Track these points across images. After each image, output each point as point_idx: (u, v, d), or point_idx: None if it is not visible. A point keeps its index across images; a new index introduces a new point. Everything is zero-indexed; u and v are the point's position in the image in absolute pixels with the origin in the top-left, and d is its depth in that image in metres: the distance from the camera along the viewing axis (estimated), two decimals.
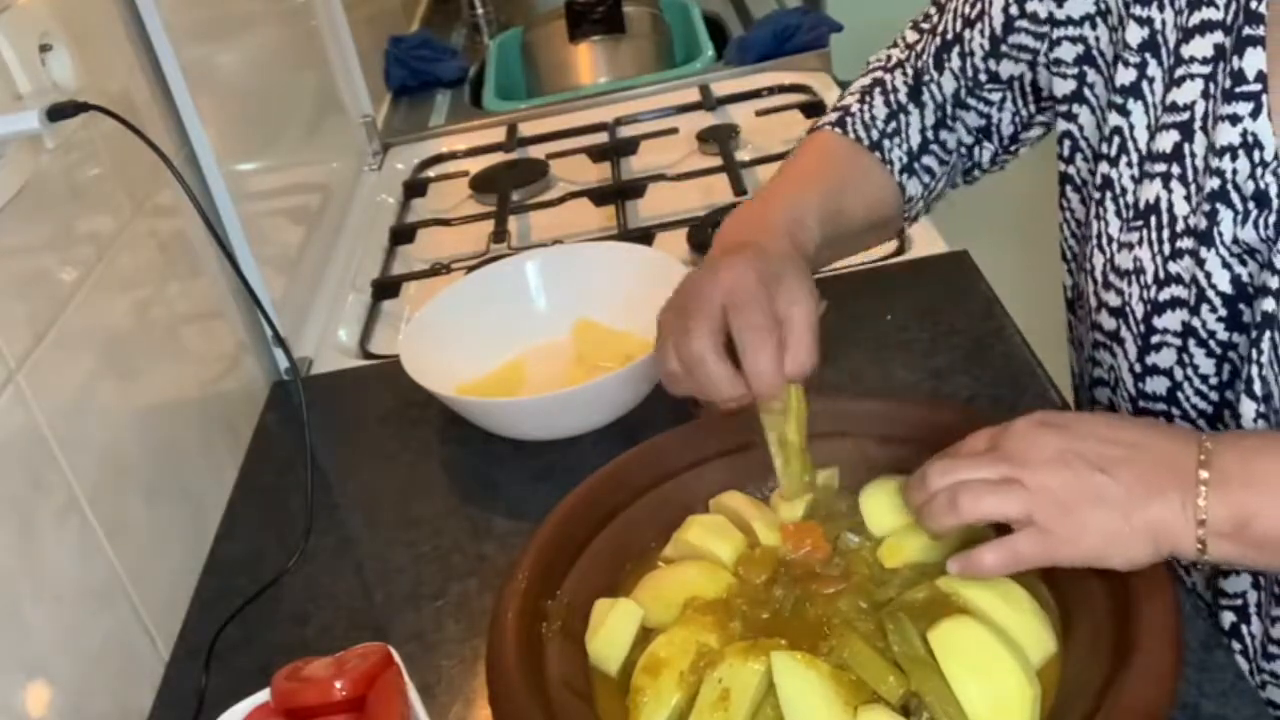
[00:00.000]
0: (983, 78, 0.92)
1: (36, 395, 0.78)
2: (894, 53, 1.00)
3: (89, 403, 0.85)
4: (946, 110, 0.96)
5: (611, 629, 0.75)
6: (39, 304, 0.81)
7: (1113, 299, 0.82)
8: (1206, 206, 0.74)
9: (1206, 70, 0.74)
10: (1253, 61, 0.72)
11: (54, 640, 0.76)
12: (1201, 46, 0.75)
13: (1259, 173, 0.72)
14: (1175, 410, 0.81)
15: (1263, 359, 0.73)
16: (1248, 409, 0.75)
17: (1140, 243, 0.79)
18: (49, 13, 0.87)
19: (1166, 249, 0.78)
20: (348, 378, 1.20)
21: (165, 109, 1.07)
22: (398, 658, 0.71)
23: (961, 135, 0.97)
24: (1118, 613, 0.68)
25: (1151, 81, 0.78)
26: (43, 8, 0.86)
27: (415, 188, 1.61)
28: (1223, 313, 0.76)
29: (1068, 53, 0.84)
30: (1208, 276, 0.75)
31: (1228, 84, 0.73)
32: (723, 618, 0.74)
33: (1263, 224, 0.72)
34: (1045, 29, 0.85)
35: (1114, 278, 0.82)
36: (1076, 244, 0.90)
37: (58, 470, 0.79)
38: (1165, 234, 0.78)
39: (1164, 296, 0.78)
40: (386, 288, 1.35)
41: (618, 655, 0.75)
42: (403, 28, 2.14)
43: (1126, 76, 0.79)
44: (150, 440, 0.94)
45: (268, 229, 1.24)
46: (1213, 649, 0.73)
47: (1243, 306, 0.75)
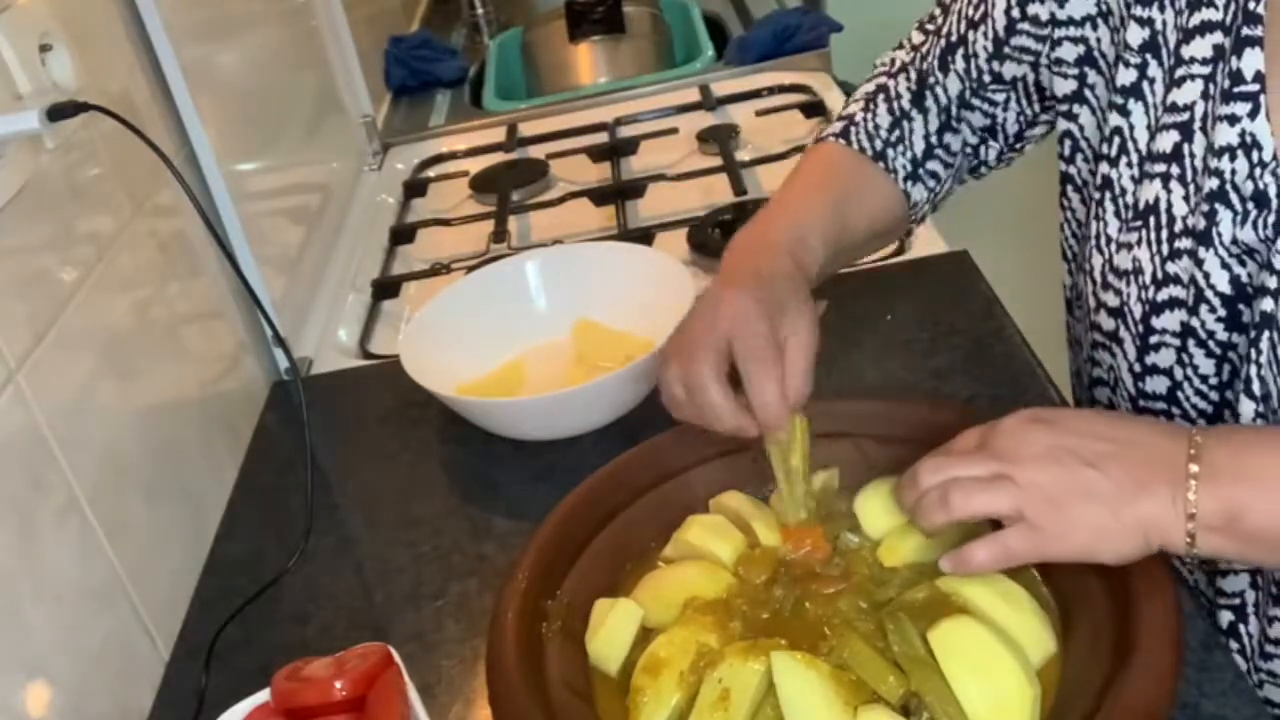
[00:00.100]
0: (986, 79, 0.92)
1: (36, 395, 0.78)
2: (899, 55, 1.00)
3: (89, 403, 0.85)
4: (951, 112, 0.96)
5: (611, 629, 0.75)
6: (39, 304, 0.81)
7: (1111, 299, 0.82)
8: (1205, 207, 0.74)
9: (1206, 71, 0.74)
10: (1251, 62, 0.72)
11: (54, 640, 0.76)
12: (1201, 47, 0.75)
13: (1258, 173, 0.72)
14: (1176, 410, 0.81)
15: (1261, 359, 0.73)
16: (1246, 409, 0.75)
17: (1139, 243, 0.79)
18: (49, 13, 0.87)
19: (1165, 249, 0.78)
20: (348, 378, 1.20)
21: (165, 109, 1.07)
22: (398, 658, 0.71)
23: (966, 136, 0.97)
24: (1118, 613, 0.68)
25: (1152, 82, 0.78)
26: (43, 8, 0.86)
27: (415, 188, 1.61)
28: (1222, 313, 0.76)
29: (1069, 53, 0.84)
30: (1206, 277, 0.75)
31: (1226, 84, 0.73)
32: (723, 618, 0.74)
33: (1262, 224, 0.72)
34: (1046, 31, 0.85)
35: (1113, 278, 0.82)
36: (1076, 244, 0.90)
37: (58, 470, 0.79)
38: (1164, 234, 0.78)
39: (1162, 297, 0.78)
40: (386, 288, 1.35)
41: (618, 655, 0.75)
42: (403, 28, 2.14)
43: (1127, 77, 0.79)
44: (150, 440, 0.94)
45: (268, 229, 1.24)
46: (1213, 649, 0.73)
47: (1242, 307, 0.75)
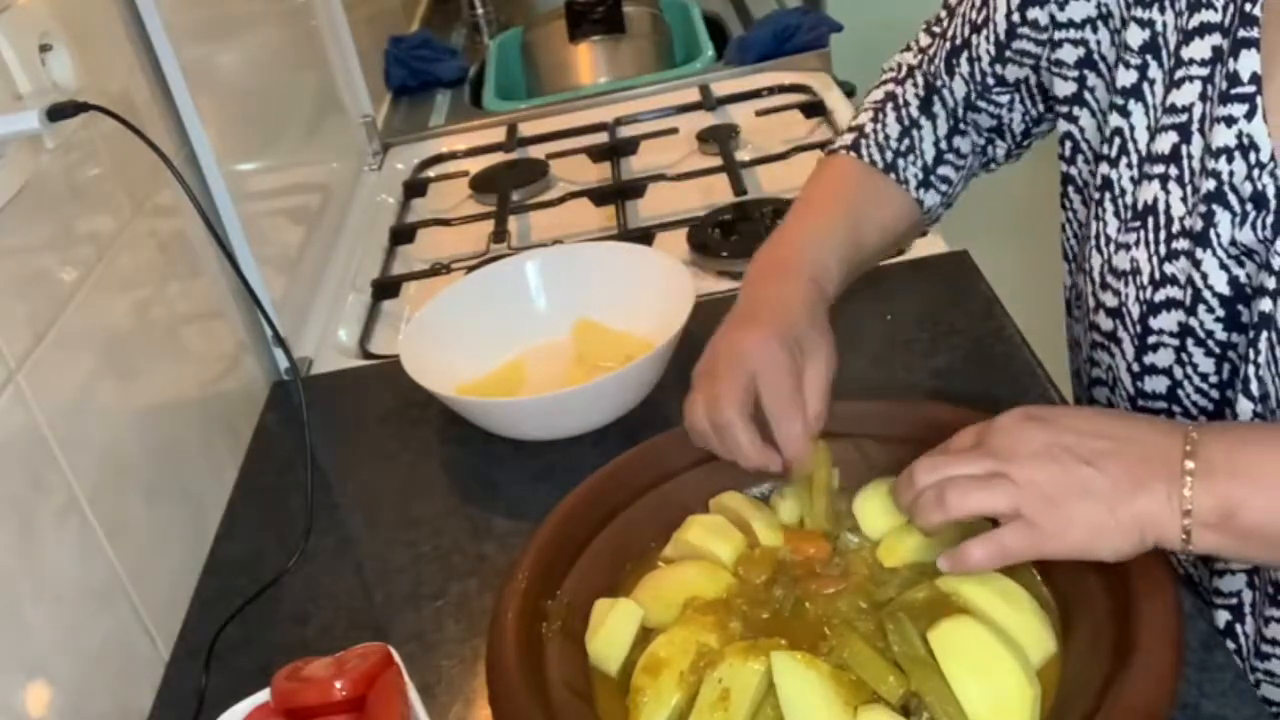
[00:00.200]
0: (990, 81, 0.92)
1: (36, 395, 0.78)
2: (906, 58, 1.00)
3: (89, 403, 0.85)
4: (959, 115, 0.97)
5: (611, 629, 0.75)
6: (39, 304, 0.81)
7: (1110, 300, 0.82)
8: (1203, 208, 0.74)
9: (1205, 72, 0.74)
10: (1247, 63, 0.72)
11: (54, 640, 0.76)
12: (1200, 49, 0.75)
13: (1256, 174, 0.72)
14: (1177, 408, 0.81)
15: (1260, 359, 0.73)
16: (1245, 408, 0.75)
17: (1137, 244, 0.79)
18: (49, 13, 0.87)
19: (1163, 250, 0.78)
20: (348, 378, 1.20)
21: (165, 109, 1.07)
22: (398, 658, 0.71)
23: (974, 137, 0.98)
24: (1118, 613, 0.68)
25: (1152, 83, 0.78)
26: (43, 8, 0.86)
27: (415, 188, 1.61)
28: (1221, 313, 0.76)
29: (1069, 55, 0.84)
30: (1204, 278, 0.75)
31: (1224, 86, 0.73)
32: (723, 618, 0.74)
33: (1260, 225, 0.72)
34: (1046, 34, 0.85)
35: (1111, 279, 0.82)
36: (1077, 244, 0.90)
37: (58, 470, 0.79)
38: (1161, 235, 0.78)
39: (1160, 297, 0.78)
40: (386, 288, 1.35)
41: (618, 655, 0.75)
42: (403, 28, 2.14)
43: (1127, 78, 0.79)
44: (150, 440, 0.94)
45: (268, 229, 1.24)
46: (1213, 649, 0.73)
47: (1241, 307, 0.75)
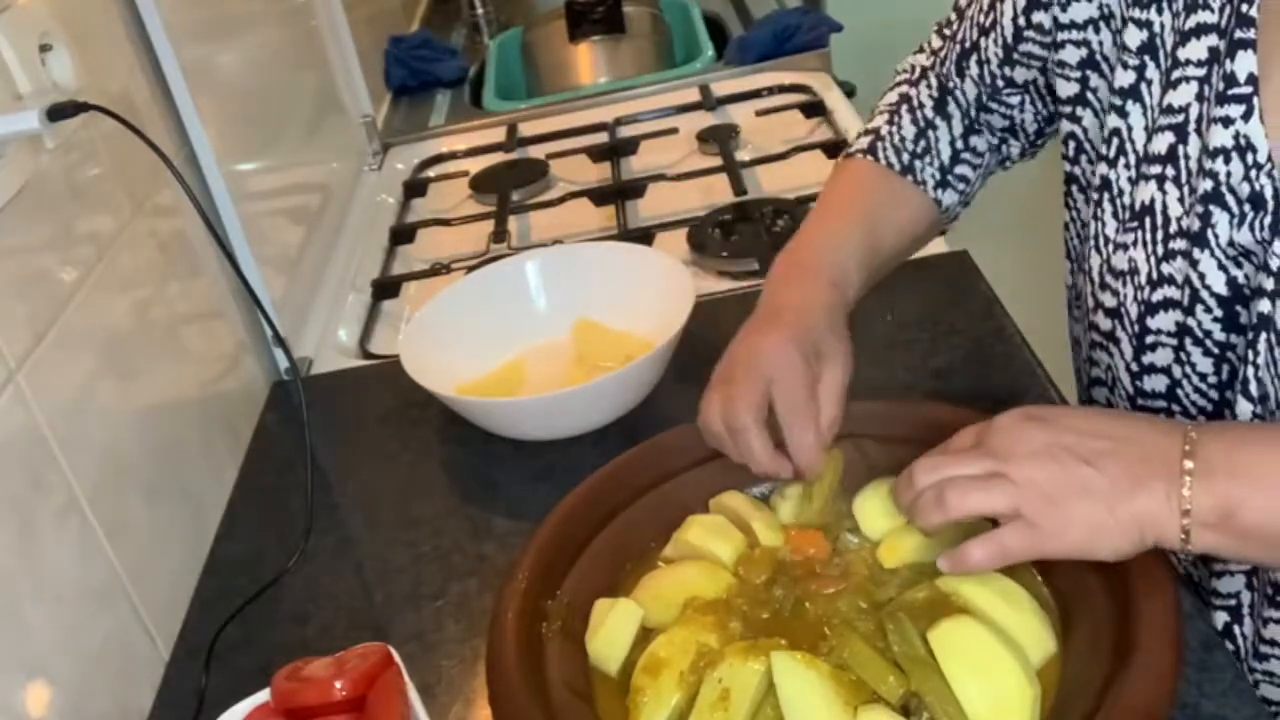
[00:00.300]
0: (1000, 83, 0.93)
1: (36, 395, 0.78)
2: (919, 60, 1.00)
3: (89, 403, 0.85)
4: (972, 115, 0.97)
5: (611, 629, 0.75)
6: (39, 304, 0.81)
7: (1108, 300, 0.82)
8: (1200, 208, 0.74)
9: (1201, 73, 0.75)
10: (1244, 64, 0.72)
11: (54, 640, 0.76)
12: (1197, 49, 0.75)
13: (1253, 175, 0.72)
14: (1175, 408, 0.81)
15: (1259, 360, 0.73)
16: (1244, 409, 0.75)
17: (1135, 244, 0.79)
18: (49, 13, 0.87)
19: (1160, 250, 0.78)
20: (348, 378, 1.20)
21: (165, 109, 1.07)
22: (398, 658, 0.71)
23: (989, 137, 0.98)
24: (1118, 613, 0.68)
25: (1150, 84, 0.78)
26: (43, 8, 0.86)
27: (415, 188, 1.61)
28: (1219, 314, 0.76)
29: (1071, 56, 0.84)
30: (1201, 278, 0.76)
31: (1221, 87, 0.73)
32: (723, 618, 0.74)
33: (1258, 226, 0.72)
34: (1050, 37, 0.85)
35: (1110, 278, 0.82)
36: (1079, 244, 0.90)
37: (58, 470, 0.79)
38: (1159, 235, 0.78)
39: (1157, 297, 0.78)
40: (386, 288, 1.35)
41: (618, 655, 0.75)
42: (403, 28, 2.14)
43: (1125, 79, 0.79)
44: (150, 440, 0.94)
45: (268, 229, 1.24)
46: (1213, 649, 0.73)
47: (1239, 308, 0.75)
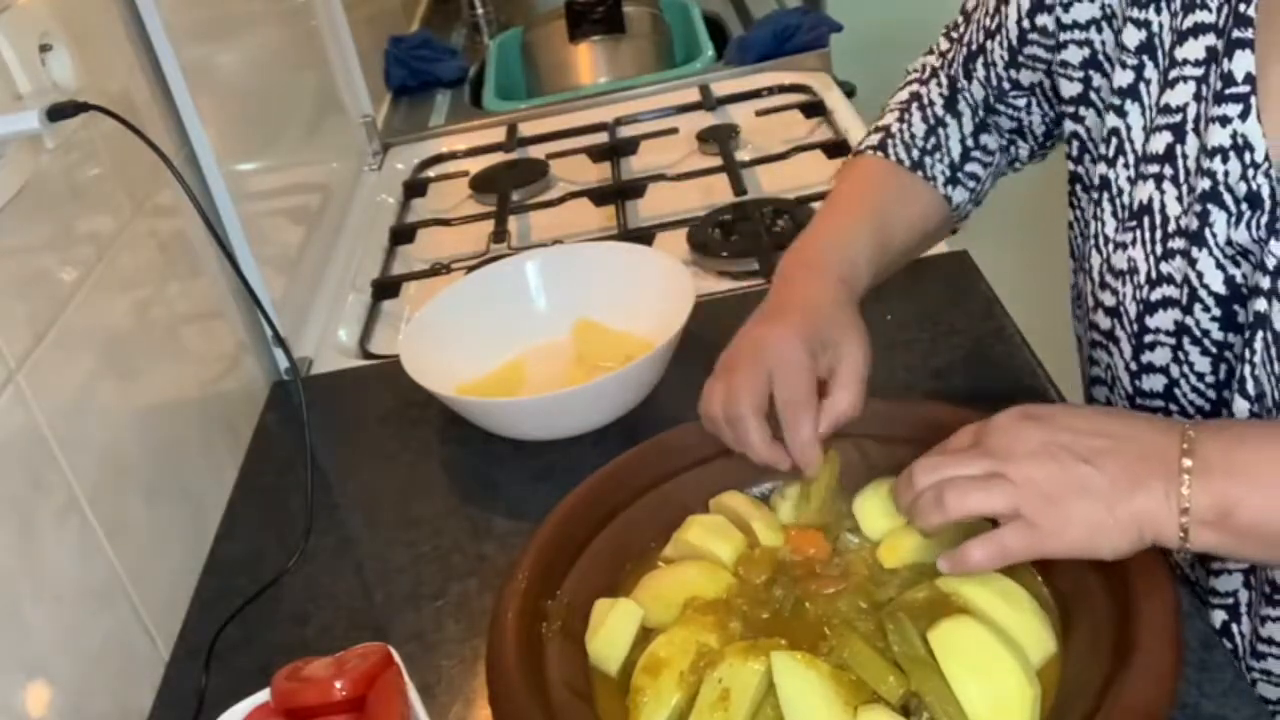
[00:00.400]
0: (1006, 86, 0.93)
1: (36, 395, 0.78)
2: (929, 60, 1.01)
3: (89, 403, 0.85)
4: (981, 115, 0.97)
5: (611, 629, 0.75)
6: (39, 304, 0.81)
7: (1108, 299, 0.82)
8: (1198, 207, 0.75)
9: (1199, 72, 0.75)
10: (1241, 64, 0.72)
11: (54, 640, 0.76)
12: (1194, 49, 0.75)
13: (1250, 174, 0.72)
14: (1174, 407, 0.81)
15: (1256, 359, 0.73)
16: (1241, 408, 0.75)
17: (1134, 243, 0.80)
18: (49, 13, 0.87)
19: (1159, 249, 0.78)
20: (348, 378, 1.20)
21: (165, 109, 1.07)
22: (398, 658, 0.71)
23: (998, 137, 0.99)
24: (1118, 613, 0.68)
25: (1149, 84, 0.78)
26: (43, 8, 0.86)
27: (415, 188, 1.61)
28: (1217, 313, 0.76)
29: (1074, 56, 0.84)
30: (1200, 277, 0.76)
31: (1219, 86, 0.73)
32: (723, 618, 0.74)
33: (1255, 225, 0.72)
34: (1053, 39, 0.85)
35: (1109, 278, 0.82)
36: (1081, 243, 0.90)
37: (58, 470, 0.79)
38: (1158, 234, 0.78)
39: (1156, 296, 0.79)
40: (386, 288, 1.35)
41: (618, 655, 0.75)
42: (403, 28, 2.14)
43: (1124, 78, 0.79)
44: (150, 440, 0.94)
45: (268, 229, 1.24)
46: (1212, 649, 0.73)
47: (1237, 307, 0.75)
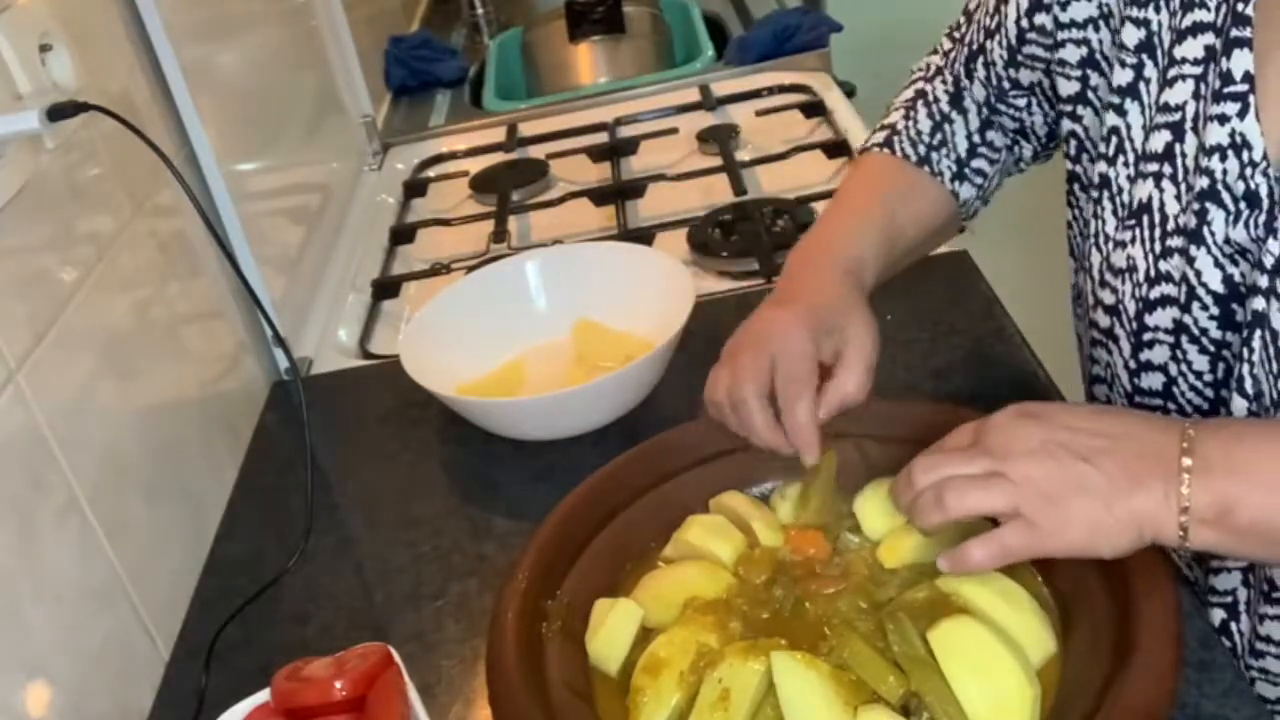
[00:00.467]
0: (1006, 85, 0.93)
1: (36, 395, 0.78)
2: (934, 60, 1.01)
3: (89, 403, 0.85)
4: (985, 113, 0.97)
5: (611, 629, 0.75)
6: (39, 304, 0.81)
7: (1107, 297, 0.83)
8: (1196, 206, 0.75)
9: (1198, 71, 0.75)
10: (1240, 63, 0.72)
11: (54, 640, 0.76)
12: (1193, 48, 0.75)
13: (1248, 173, 0.72)
14: (1172, 405, 0.81)
15: (1253, 357, 0.73)
16: (1239, 407, 0.75)
17: (1133, 241, 0.80)
18: (49, 13, 0.87)
19: (1157, 248, 0.78)
20: (348, 378, 1.20)
21: (165, 109, 1.07)
22: (398, 658, 0.71)
23: (1002, 136, 0.99)
24: (1118, 613, 0.68)
25: (1148, 82, 0.78)
26: (43, 8, 0.86)
27: (415, 188, 1.61)
28: (1215, 311, 0.76)
29: (1071, 55, 0.84)
30: (1198, 275, 0.76)
31: (1217, 85, 0.73)
32: (723, 618, 0.74)
33: (1253, 224, 0.73)
34: (1051, 39, 0.85)
35: (1109, 276, 0.82)
36: (1081, 242, 0.90)
37: (58, 470, 0.79)
38: (1156, 233, 0.78)
39: (1155, 294, 0.79)
40: (386, 288, 1.35)
41: (618, 655, 0.75)
42: (403, 28, 2.14)
43: (1123, 77, 0.79)
44: (150, 440, 0.94)
45: (268, 229, 1.24)
46: (1212, 649, 0.73)
47: (1235, 306, 0.75)
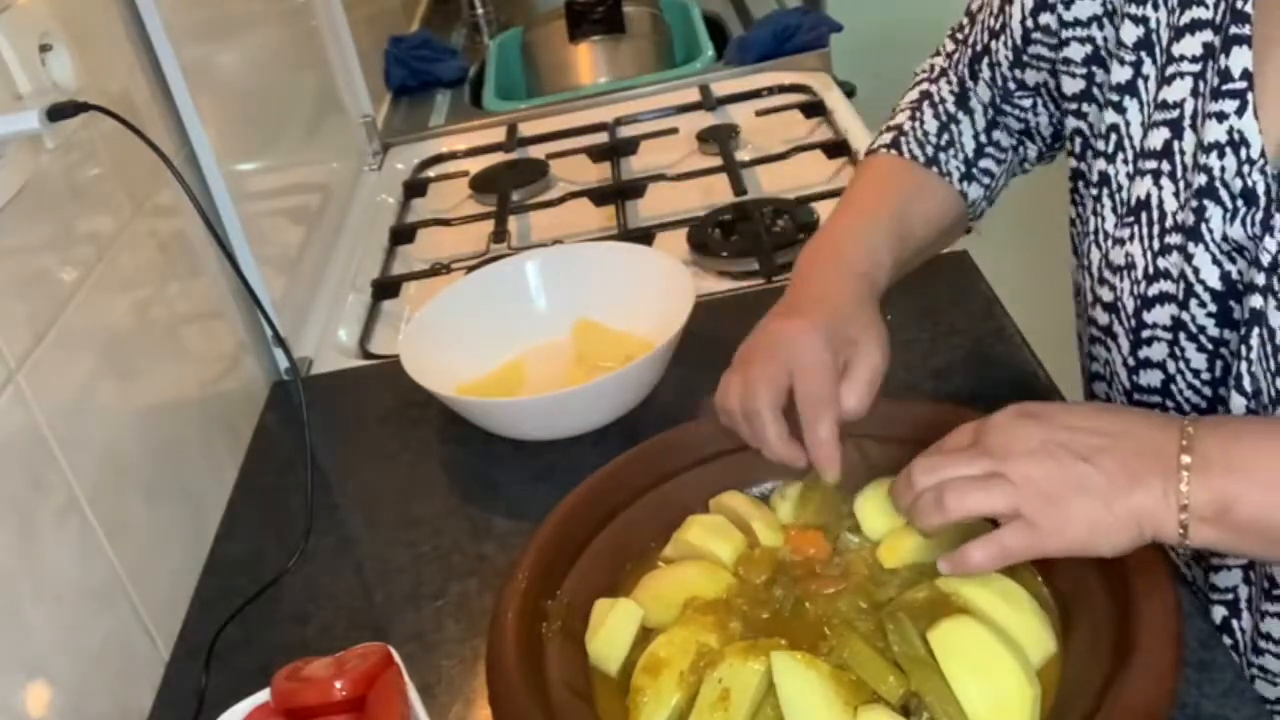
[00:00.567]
0: (1011, 86, 0.93)
1: (36, 395, 0.78)
2: (937, 61, 1.01)
3: (89, 403, 0.85)
4: (990, 114, 0.97)
5: (611, 629, 0.75)
6: (39, 304, 0.81)
7: (1106, 294, 0.83)
8: (1194, 203, 0.75)
9: (1196, 68, 0.75)
10: (1239, 60, 0.72)
11: (54, 640, 0.76)
12: (1191, 45, 0.75)
13: (1246, 170, 0.72)
14: (1170, 403, 0.81)
15: (1251, 355, 0.73)
16: (1237, 404, 0.75)
17: (1132, 239, 0.80)
18: (49, 13, 0.87)
19: (1156, 245, 0.78)
20: (348, 378, 1.20)
21: (165, 109, 1.07)
22: (398, 658, 0.71)
23: (1008, 136, 0.99)
24: (1118, 613, 0.68)
25: (1146, 80, 0.79)
26: (43, 8, 0.86)
27: (415, 188, 1.61)
28: (1212, 308, 0.76)
29: (1076, 53, 0.84)
30: (1196, 272, 0.76)
31: (1216, 82, 0.73)
32: (723, 618, 0.74)
33: (1250, 221, 0.73)
34: (1056, 38, 0.85)
35: (1108, 273, 0.82)
36: (1081, 239, 0.90)
37: (58, 470, 0.79)
38: (1155, 230, 0.78)
39: (1153, 291, 0.79)
40: (386, 288, 1.35)
41: (618, 655, 0.75)
42: (403, 28, 2.14)
43: (1123, 74, 0.80)
44: (150, 440, 0.94)
45: (268, 229, 1.24)
46: (1213, 649, 0.73)
47: (1233, 303, 0.75)
